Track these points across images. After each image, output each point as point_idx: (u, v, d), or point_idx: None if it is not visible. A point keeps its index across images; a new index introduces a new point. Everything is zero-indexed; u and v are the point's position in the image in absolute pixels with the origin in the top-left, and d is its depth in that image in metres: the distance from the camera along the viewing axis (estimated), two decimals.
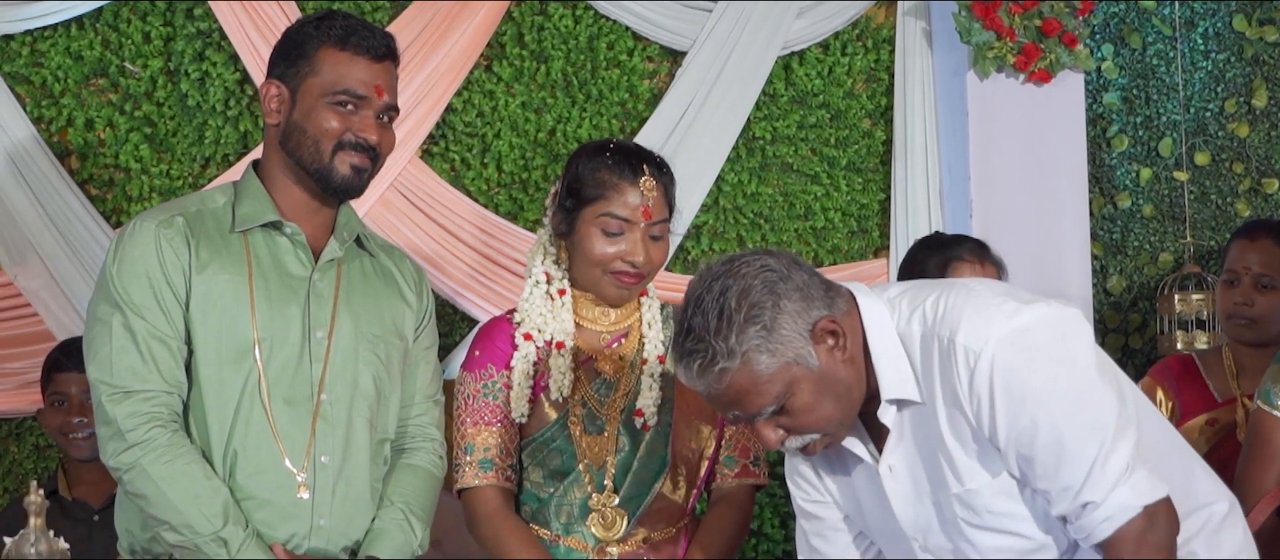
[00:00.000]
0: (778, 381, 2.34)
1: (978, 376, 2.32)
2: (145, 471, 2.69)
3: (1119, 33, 4.69)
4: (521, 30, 4.29)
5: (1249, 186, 4.72)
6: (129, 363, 2.71)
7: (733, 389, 2.34)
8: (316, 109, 2.78)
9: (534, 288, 3.01)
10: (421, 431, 2.94)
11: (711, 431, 3.03)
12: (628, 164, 2.94)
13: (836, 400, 2.38)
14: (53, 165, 4.02)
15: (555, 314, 2.99)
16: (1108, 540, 2.34)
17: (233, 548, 2.68)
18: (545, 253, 3.02)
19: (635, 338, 3.03)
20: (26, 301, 4.00)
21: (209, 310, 2.74)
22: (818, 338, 2.34)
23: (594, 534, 2.95)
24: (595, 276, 2.96)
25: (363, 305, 2.85)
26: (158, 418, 2.70)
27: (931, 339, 2.37)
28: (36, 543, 2.71)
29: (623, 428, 2.98)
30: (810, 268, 2.41)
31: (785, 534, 4.40)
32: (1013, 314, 2.34)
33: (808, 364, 2.34)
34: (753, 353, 2.31)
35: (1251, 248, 3.83)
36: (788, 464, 2.62)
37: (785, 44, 4.40)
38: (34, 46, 4.09)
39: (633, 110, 4.35)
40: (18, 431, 4.08)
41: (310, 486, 2.75)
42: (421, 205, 4.19)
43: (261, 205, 2.81)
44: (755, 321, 2.31)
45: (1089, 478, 2.31)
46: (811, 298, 2.35)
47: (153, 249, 2.73)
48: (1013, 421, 2.32)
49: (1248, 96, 4.72)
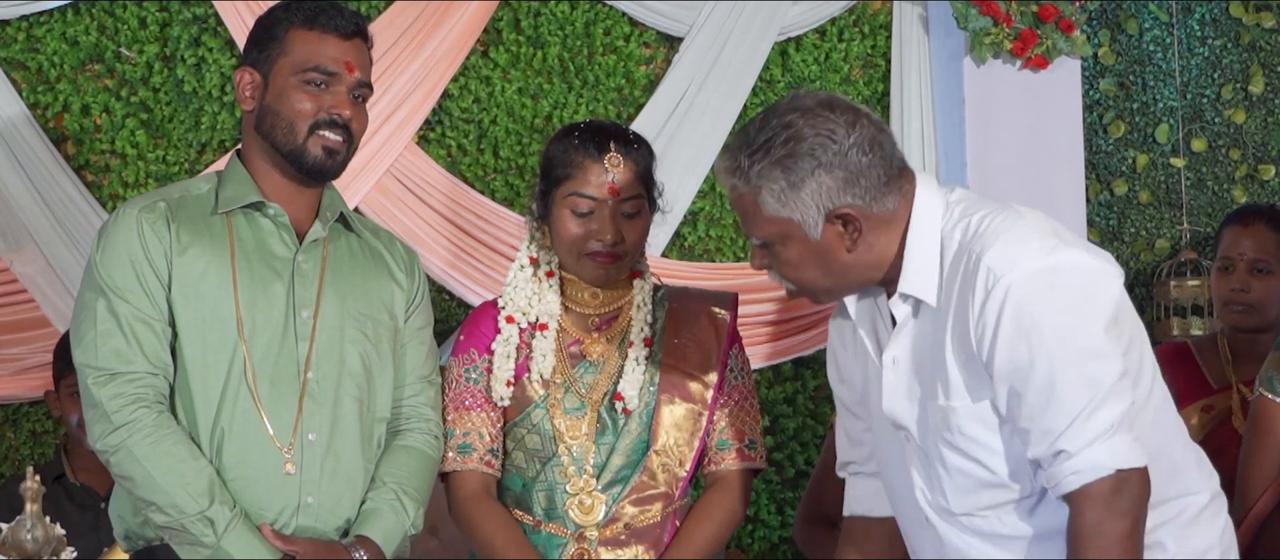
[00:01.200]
0: (774, 226, 2.42)
1: (991, 299, 2.33)
2: (131, 452, 2.70)
3: (1115, 19, 4.69)
4: (518, 16, 4.29)
5: (1245, 172, 4.72)
6: (114, 345, 2.72)
7: (739, 204, 2.46)
8: (288, 89, 2.80)
9: (519, 271, 3.02)
10: (415, 412, 2.95)
11: (701, 415, 3.01)
12: (593, 141, 2.94)
13: (826, 274, 2.45)
14: (49, 151, 4.02)
15: (541, 296, 2.99)
16: (1073, 494, 2.33)
17: (219, 527, 2.69)
18: (531, 237, 3.03)
19: (624, 320, 3.03)
20: (23, 288, 4.01)
21: (191, 292, 2.76)
22: (830, 219, 2.39)
23: (573, 519, 2.95)
24: (572, 259, 2.96)
25: (349, 285, 2.87)
26: (143, 399, 2.72)
27: (964, 252, 2.38)
28: (32, 528, 2.71)
29: (604, 412, 2.97)
30: (888, 150, 2.42)
31: (782, 521, 4.41)
32: (1048, 252, 2.34)
33: (808, 231, 2.40)
34: (764, 191, 2.40)
35: (1245, 233, 3.83)
36: (827, 347, 2.74)
37: (782, 30, 4.40)
38: (30, 32, 4.08)
39: (629, 96, 4.35)
40: (14, 417, 4.08)
41: (297, 463, 2.76)
42: (418, 191, 4.19)
43: (244, 187, 2.83)
44: (785, 170, 2.38)
45: (1070, 427, 2.31)
46: (856, 184, 2.38)
47: (135, 234, 2.76)
48: (1012, 352, 2.33)
49: (1244, 83, 4.72)
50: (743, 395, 3.05)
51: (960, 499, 2.47)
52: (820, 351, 4.44)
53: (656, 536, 2.98)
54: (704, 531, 2.98)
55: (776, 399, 4.41)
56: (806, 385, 4.45)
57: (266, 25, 2.86)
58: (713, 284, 4.12)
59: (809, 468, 4.43)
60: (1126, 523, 2.31)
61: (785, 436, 4.41)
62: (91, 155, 4.09)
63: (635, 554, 2.96)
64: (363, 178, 4.12)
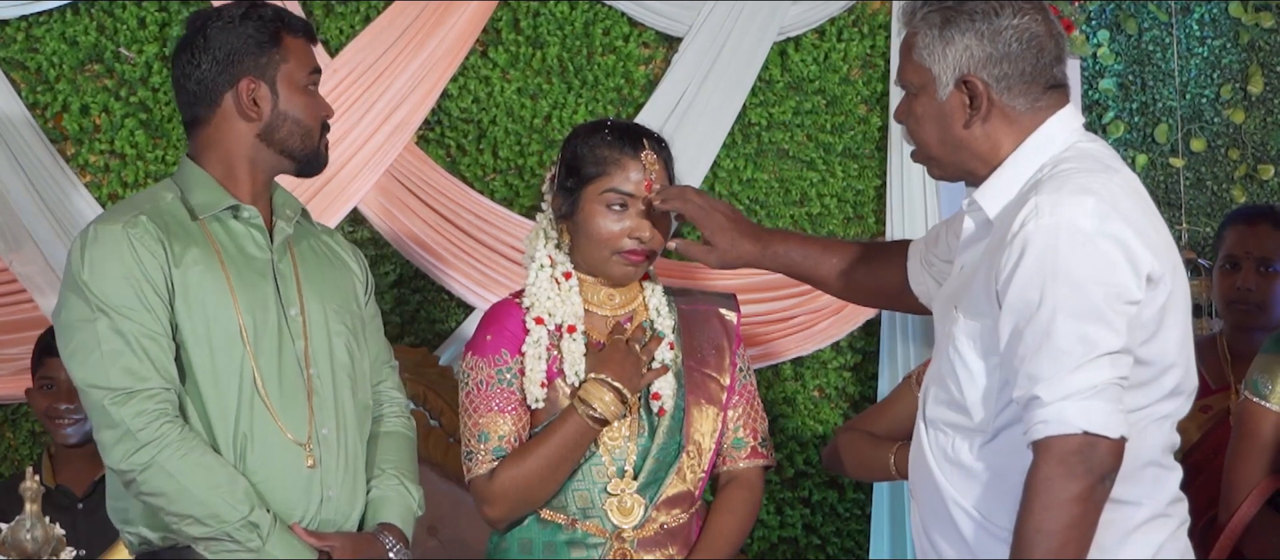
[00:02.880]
0: (915, 73, 2.54)
1: (1024, 233, 2.36)
2: (163, 468, 2.70)
3: (1115, 19, 4.69)
4: (517, 16, 4.29)
5: (1244, 172, 4.72)
6: (125, 364, 2.72)
7: (902, 43, 2.58)
8: (297, 95, 2.86)
9: (539, 272, 2.99)
10: (386, 396, 3.02)
11: (717, 415, 3.03)
12: (627, 139, 2.95)
13: (941, 140, 2.54)
14: (48, 151, 4.02)
15: (563, 298, 2.98)
16: (1037, 443, 2.33)
17: (264, 531, 2.72)
18: (546, 237, 3.01)
19: (640, 321, 3.03)
20: (22, 288, 4.01)
21: (194, 302, 2.77)
22: (959, 85, 2.48)
23: (612, 520, 2.94)
24: (602, 257, 2.95)
25: (322, 279, 2.92)
26: (164, 414, 2.73)
27: (1033, 188, 2.43)
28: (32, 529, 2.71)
29: (642, 413, 2.98)
30: (1046, 57, 2.49)
31: (781, 521, 4.41)
32: (1101, 216, 2.36)
33: (937, 90, 2.51)
34: (919, 35, 2.52)
35: (1251, 233, 3.83)
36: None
37: (781, 30, 4.40)
38: (29, 32, 4.08)
39: (628, 96, 4.35)
40: (13, 417, 4.08)
41: (318, 458, 2.80)
42: (417, 192, 4.18)
43: (214, 193, 2.84)
44: (944, 19, 2.50)
45: (1053, 376, 2.32)
46: (998, 64, 2.47)
47: (127, 250, 2.75)
48: (1025, 288, 2.35)
49: (1243, 83, 4.72)
50: (751, 394, 3.09)
51: (934, 407, 2.53)
52: (820, 351, 4.45)
53: (686, 536, 3.00)
54: (732, 525, 3.02)
55: (776, 399, 4.41)
56: (806, 385, 4.45)
57: (252, 34, 2.89)
58: (712, 284, 4.12)
59: (809, 468, 4.44)
60: (1079, 485, 2.29)
61: (785, 436, 4.41)
62: (91, 155, 4.09)
63: (670, 554, 2.97)
64: (362, 178, 4.12)
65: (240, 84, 2.84)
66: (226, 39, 2.85)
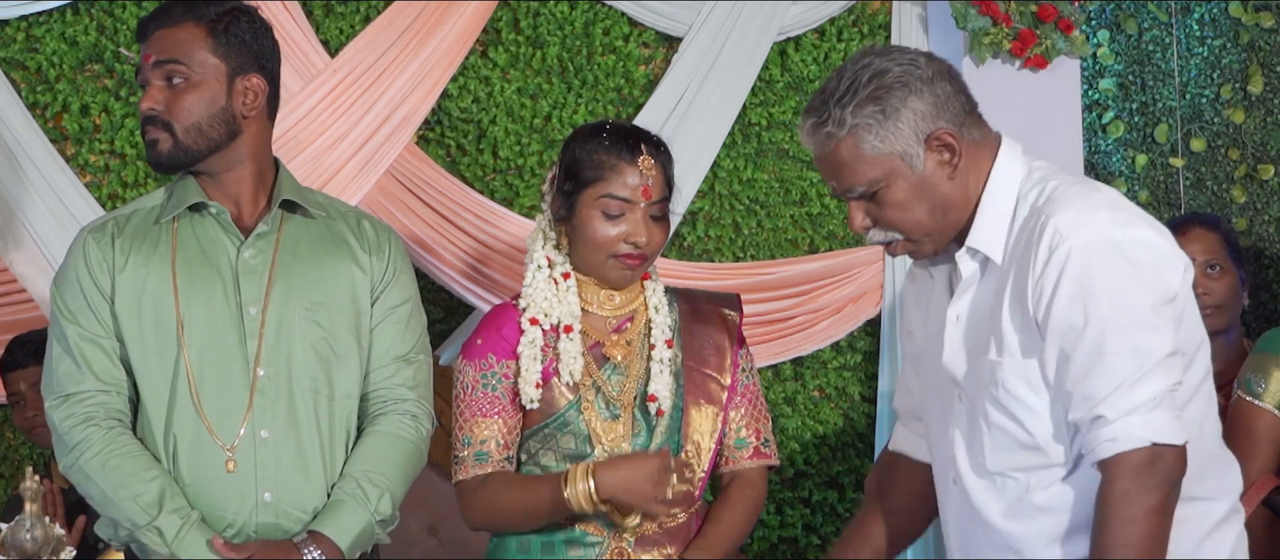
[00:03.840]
0: (877, 167, 2.42)
1: (1055, 259, 2.34)
2: (83, 471, 2.75)
3: (1115, 19, 4.69)
4: (517, 16, 4.29)
5: (1244, 172, 4.72)
6: (65, 369, 2.79)
7: (835, 157, 2.44)
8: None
9: (536, 272, 2.99)
10: (390, 394, 2.91)
11: (717, 415, 3.03)
12: (625, 144, 2.94)
13: (931, 211, 2.45)
14: (48, 151, 4.02)
15: (561, 298, 2.97)
16: (1106, 461, 2.33)
17: (169, 536, 2.72)
18: (545, 238, 3.01)
19: (641, 322, 3.03)
20: (22, 288, 4.01)
21: (133, 304, 2.79)
22: (931, 146, 2.42)
23: (610, 520, 2.94)
24: (598, 260, 2.95)
25: (301, 274, 2.85)
26: (92, 418, 2.76)
27: (1035, 216, 2.40)
28: (32, 528, 2.71)
29: (638, 413, 2.98)
30: (967, 91, 2.47)
31: (781, 521, 4.41)
32: (1122, 225, 2.35)
33: (912, 164, 2.42)
34: (862, 130, 2.41)
35: (1188, 240, 3.81)
36: (901, 300, 2.72)
37: (781, 30, 4.40)
38: (29, 32, 4.08)
39: (628, 96, 4.35)
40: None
41: (248, 461, 2.77)
42: (417, 192, 4.19)
43: (188, 191, 2.85)
44: (877, 103, 2.40)
45: (1112, 393, 2.32)
46: (945, 108, 2.42)
47: (81, 257, 2.82)
48: (1067, 312, 2.34)
49: (1243, 82, 4.72)
50: (754, 394, 3.08)
51: (996, 456, 2.47)
52: (820, 352, 4.45)
53: (685, 536, 2.99)
54: (731, 522, 3.01)
55: (776, 399, 4.41)
56: (806, 385, 4.45)
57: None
58: (712, 284, 4.12)
59: (809, 468, 4.44)
60: (1155, 497, 2.31)
61: (785, 436, 4.41)
62: (91, 155, 4.09)
63: (668, 553, 2.97)
64: (362, 178, 4.12)
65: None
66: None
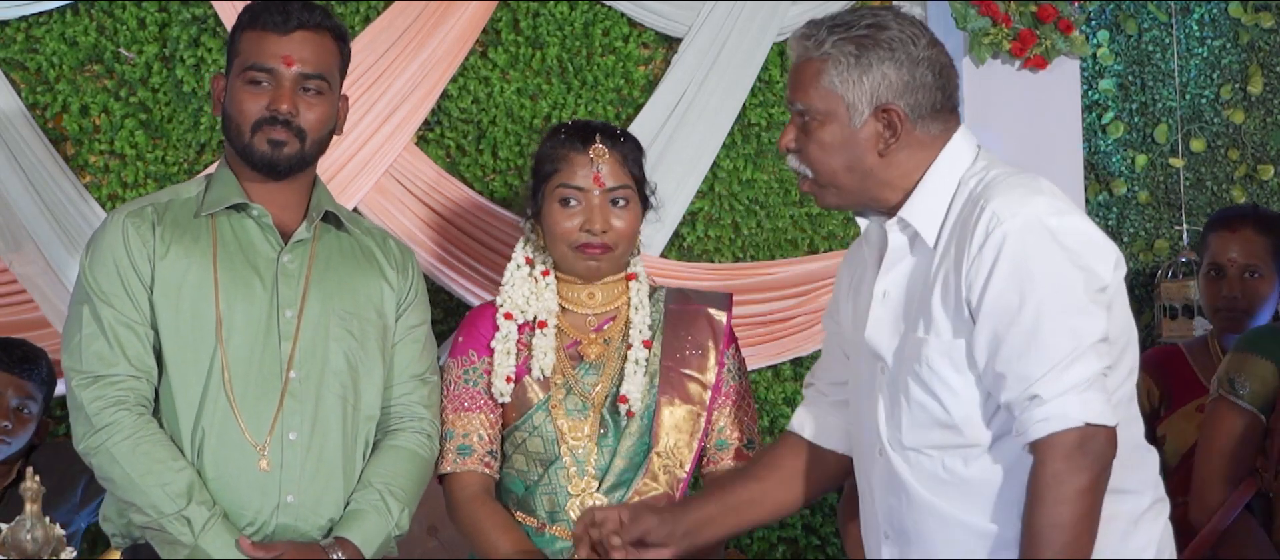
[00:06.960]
0: (823, 100, 2.47)
1: (990, 242, 2.36)
2: (110, 454, 2.74)
3: (1115, 19, 4.69)
4: (517, 16, 4.29)
5: (1244, 173, 4.72)
6: (97, 349, 2.77)
7: (800, 70, 2.50)
8: (235, 90, 2.85)
9: (515, 270, 3.05)
10: (407, 412, 2.95)
11: (700, 416, 3.02)
12: (578, 135, 3.00)
13: (848, 168, 2.48)
14: (48, 151, 4.02)
15: (538, 294, 3.01)
16: (1039, 442, 2.33)
17: (196, 526, 2.72)
18: (525, 238, 3.06)
19: (622, 321, 3.03)
20: (22, 288, 4.01)
21: (172, 295, 2.79)
22: (878, 115, 2.45)
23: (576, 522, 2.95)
24: (563, 252, 2.99)
25: (336, 283, 2.88)
26: (123, 402, 2.76)
27: (973, 202, 2.42)
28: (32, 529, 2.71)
29: (607, 413, 2.98)
30: (950, 86, 2.50)
31: (780, 520, 4.41)
32: (1058, 212, 2.38)
33: (852, 118, 2.46)
34: (831, 61, 2.46)
35: (1233, 240, 3.80)
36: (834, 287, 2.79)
37: (781, 30, 4.39)
38: (29, 32, 4.08)
39: (628, 97, 4.35)
40: None
41: (277, 462, 2.78)
42: (417, 192, 4.19)
43: (228, 189, 2.86)
44: (858, 48, 2.45)
45: (1047, 374, 2.32)
46: (913, 92, 2.46)
47: (120, 239, 2.80)
48: (1002, 294, 2.35)
49: (1243, 83, 4.72)
50: (740, 395, 3.06)
51: (913, 432, 2.48)
52: (819, 352, 4.44)
53: None
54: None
55: (776, 399, 4.41)
56: None
57: (231, 31, 2.92)
58: (711, 284, 4.12)
59: None
60: (1087, 477, 2.31)
61: None
62: (91, 156, 4.09)
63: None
64: (362, 178, 4.12)
65: (216, 78, 2.93)
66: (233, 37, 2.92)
